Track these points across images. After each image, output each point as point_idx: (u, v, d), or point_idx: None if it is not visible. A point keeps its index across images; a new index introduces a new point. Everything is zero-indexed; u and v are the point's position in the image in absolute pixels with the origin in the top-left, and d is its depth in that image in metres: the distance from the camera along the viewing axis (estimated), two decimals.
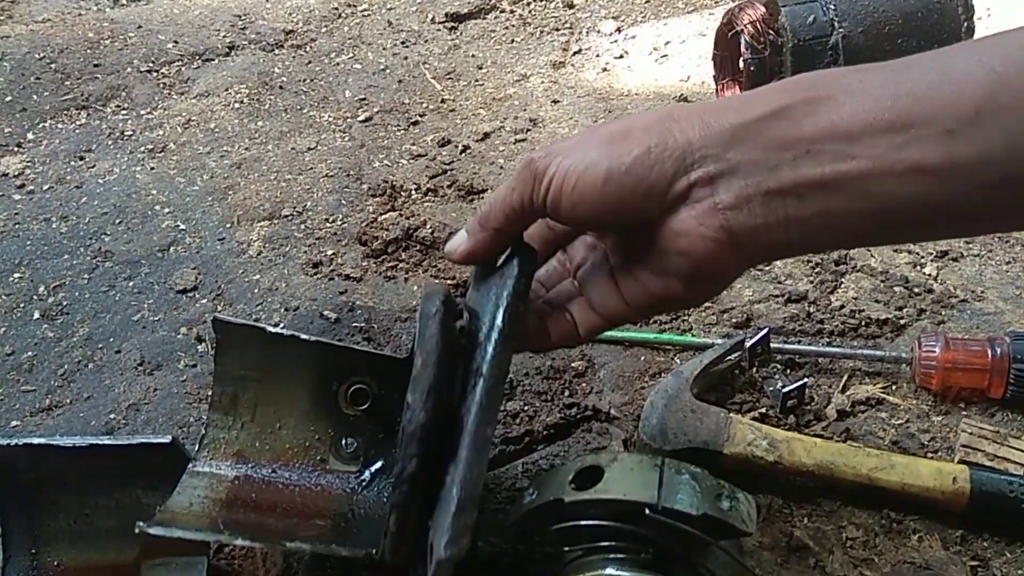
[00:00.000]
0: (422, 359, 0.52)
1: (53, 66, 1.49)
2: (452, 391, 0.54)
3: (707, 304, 0.97)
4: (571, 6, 1.69)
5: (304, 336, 0.69)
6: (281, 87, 1.46)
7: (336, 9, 1.69)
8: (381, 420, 0.70)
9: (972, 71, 0.39)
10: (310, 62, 1.54)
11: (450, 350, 0.53)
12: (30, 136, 1.34)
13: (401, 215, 1.14)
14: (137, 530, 0.53)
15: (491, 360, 0.50)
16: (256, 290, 1.03)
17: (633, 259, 0.53)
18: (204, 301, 1.02)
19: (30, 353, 0.95)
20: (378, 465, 0.70)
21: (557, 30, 1.62)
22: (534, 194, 0.48)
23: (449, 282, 1.02)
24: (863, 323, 0.92)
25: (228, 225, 1.14)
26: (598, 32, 1.63)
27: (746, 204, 0.44)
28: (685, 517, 0.51)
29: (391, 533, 0.52)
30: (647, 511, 0.51)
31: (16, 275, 1.07)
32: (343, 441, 0.70)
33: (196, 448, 0.66)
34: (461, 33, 1.62)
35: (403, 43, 1.58)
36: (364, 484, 0.69)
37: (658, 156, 0.43)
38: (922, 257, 1.03)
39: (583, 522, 0.54)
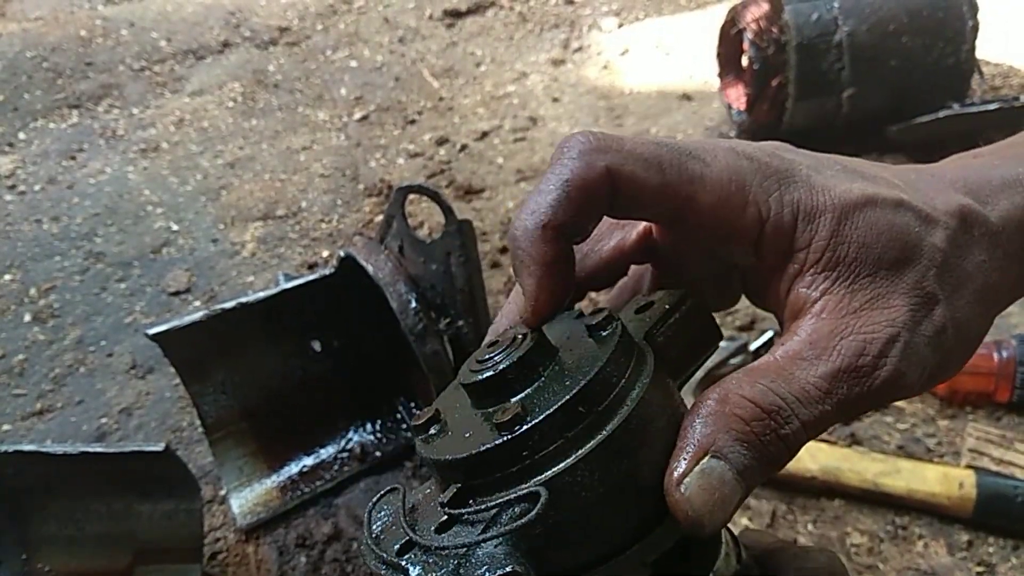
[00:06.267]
0: None
1: (45, 64, 1.48)
2: None
3: None
4: (571, 2, 1.68)
5: (244, 299, 0.74)
6: (276, 85, 1.45)
7: (332, 6, 1.68)
8: None
9: None
10: (305, 60, 1.52)
11: None
12: (21, 136, 1.32)
13: None
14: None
15: None
16: (250, 292, 1.02)
17: None
18: (197, 303, 1.01)
19: (21, 356, 0.94)
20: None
21: (557, 27, 1.61)
22: None
23: None
24: None
25: (221, 226, 1.13)
26: (599, 29, 1.61)
27: None
28: None
29: None
30: None
31: (7, 276, 1.05)
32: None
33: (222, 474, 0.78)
34: (459, 30, 1.60)
35: (400, 40, 1.57)
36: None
37: None
38: None
39: None
